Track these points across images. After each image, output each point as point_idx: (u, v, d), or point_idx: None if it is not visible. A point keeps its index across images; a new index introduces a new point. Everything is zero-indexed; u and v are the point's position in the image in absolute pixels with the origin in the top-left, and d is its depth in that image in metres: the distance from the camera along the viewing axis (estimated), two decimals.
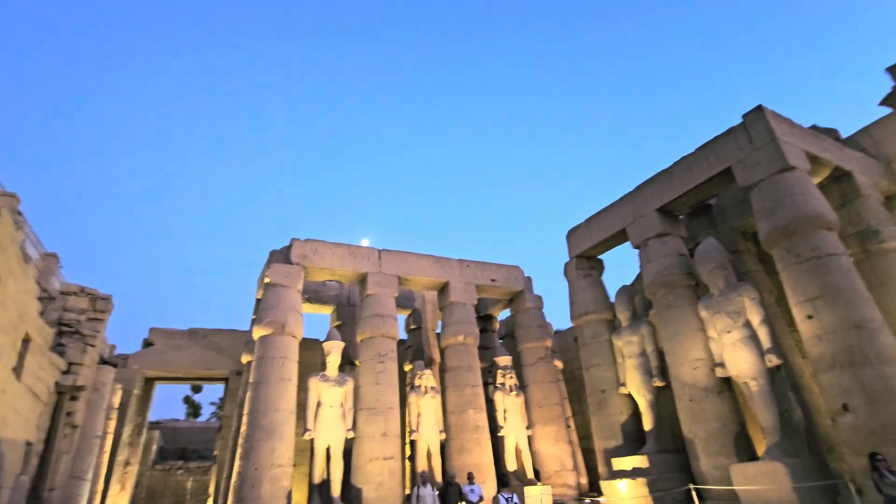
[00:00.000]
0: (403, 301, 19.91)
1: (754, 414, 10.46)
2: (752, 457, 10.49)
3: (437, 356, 18.70)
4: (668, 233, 12.96)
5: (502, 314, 21.91)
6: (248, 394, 12.91)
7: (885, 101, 16.98)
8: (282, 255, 15.15)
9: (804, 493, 8.76)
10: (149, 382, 18.99)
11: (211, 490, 16.99)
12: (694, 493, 9.76)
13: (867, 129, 13.58)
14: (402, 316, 21.08)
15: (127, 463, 17.57)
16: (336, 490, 12.60)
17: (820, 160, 11.32)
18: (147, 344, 18.02)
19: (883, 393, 8.29)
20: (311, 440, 13.34)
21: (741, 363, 10.46)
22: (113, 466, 16.24)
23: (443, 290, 17.21)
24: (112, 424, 15.21)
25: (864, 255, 11.27)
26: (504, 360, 16.55)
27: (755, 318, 10.47)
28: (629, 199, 13.95)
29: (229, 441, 15.72)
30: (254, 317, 15.56)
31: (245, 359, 16.16)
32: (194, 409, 39.53)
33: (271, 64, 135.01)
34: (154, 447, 22.48)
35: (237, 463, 12.05)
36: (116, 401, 15.42)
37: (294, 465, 17.68)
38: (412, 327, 19.80)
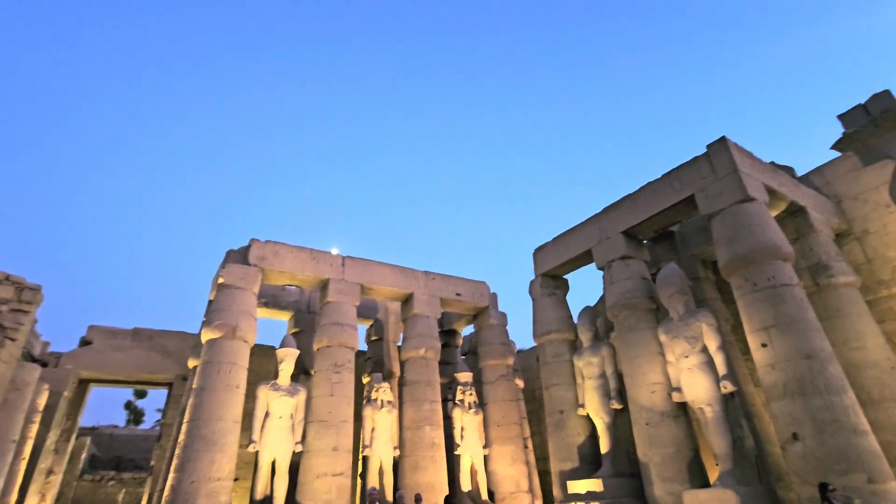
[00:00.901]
0: (366, 311, 19.39)
1: (708, 440, 10.50)
2: (705, 483, 10.50)
3: (396, 369, 18.21)
4: (632, 256, 13.10)
5: (466, 330, 21.67)
6: (190, 401, 12.09)
7: (836, 146, 18.00)
8: (239, 256, 14.47)
9: None
10: (83, 384, 17.63)
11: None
12: None
13: (820, 170, 14.25)
14: (364, 326, 20.53)
15: (50, 472, 16.14)
16: None
17: (778, 194, 11.72)
18: (84, 342, 16.77)
19: (830, 423, 8.44)
20: (256, 453, 12.57)
21: (697, 388, 10.52)
22: (32, 475, 14.84)
23: (406, 301, 16.84)
24: (34, 428, 13.92)
25: (816, 289, 11.66)
26: (464, 376, 16.24)
27: (712, 343, 10.60)
28: (596, 221, 14.07)
29: (168, 451, 14.67)
30: (204, 319, 14.73)
31: (192, 363, 15.24)
32: (136, 416, 37.22)
33: (242, 66, 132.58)
34: (84, 455, 20.80)
35: (171, 475, 11.18)
36: (42, 402, 14.15)
37: (236, 480, 16.71)
38: (373, 338, 19.26)
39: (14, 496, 13.63)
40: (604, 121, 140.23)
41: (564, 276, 15.98)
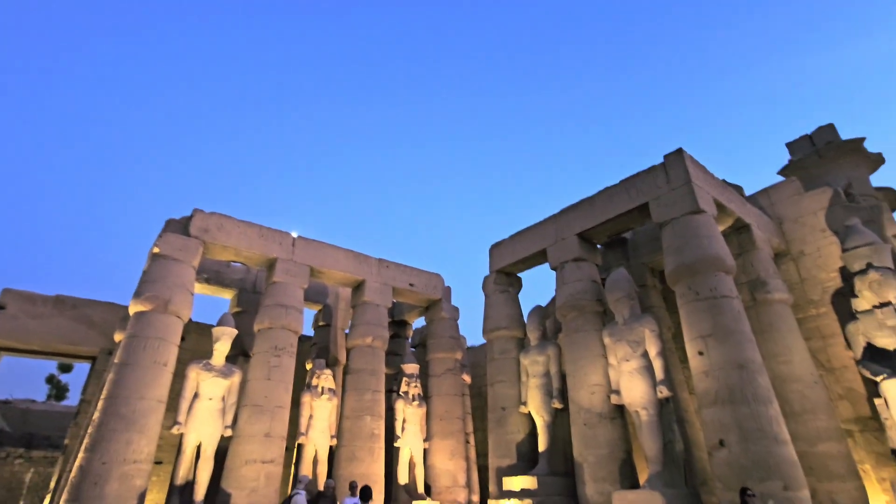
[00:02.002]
0: (315, 296, 18.75)
1: (641, 443, 10.72)
2: (635, 484, 10.73)
3: (342, 357, 17.71)
4: (585, 258, 13.22)
5: (418, 322, 21.40)
6: (110, 376, 11.20)
7: (782, 171, 18.91)
8: (179, 226, 13.55)
9: None
10: None
11: (52, 485, 14.58)
12: None
13: (766, 191, 14.89)
14: (312, 311, 19.87)
15: None
16: (200, 494, 11.17)
17: (726, 209, 12.11)
18: None
19: (755, 431, 8.76)
20: (181, 435, 11.82)
21: (635, 392, 10.72)
22: None
23: (358, 287, 16.37)
24: None
25: (752, 303, 12.14)
26: (410, 367, 15.97)
27: (653, 349, 10.81)
28: (552, 221, 14.11)
29: (83, 429, 13.59)
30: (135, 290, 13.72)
31: (118, 337, 14.16)
32: (59, 391, 34.73)
33: (201, 32, 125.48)
34: None
35: (80, 455, 10.30)
36: None
37: (160, 463, 15.79)
38: (321, 324, 18.64)
39: None
40: (568, 119, 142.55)
41: (518, 275, 16.00)
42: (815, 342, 12.57)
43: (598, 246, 14.47)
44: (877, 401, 10.49)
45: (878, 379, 10.19)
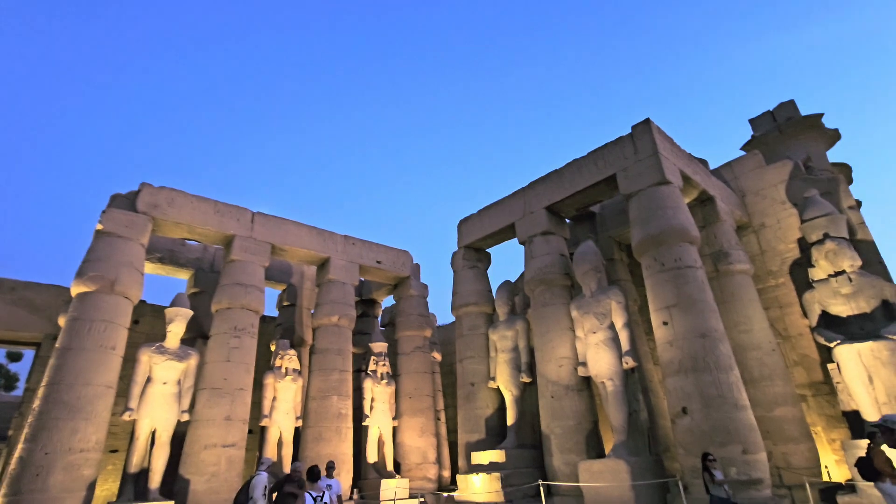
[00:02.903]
0: (279, 275, 18.13)
1: (607, 413, 10.82)
2: (601, 454, 10.85)
3: (309, 337, 17.25)
4: (553, 232, 13.08)
5: (388, 301, 21.07)
6: (51, 362, 10.44)
7: (745, 147, 19.21)
8: (126, 202, 12.64)
9: (640, 490, 9.12)
10: None
11: None
12: (541, 490, 9.74)
13: (730, 164, 15.04)
14: (276, 291, 19.24)
15: None
16: (155, 481, 10.65)
17: (692, 182, 12.12)
18: None
19: (716, 398, 8.89)
20: (134, 422, 11.21)
21: (601, 363, 10.75)
22: None
23: (322, 266, 15.83)
24: None
25: (715, 274, 12.31)
26: (379, 346, 15.68)
27: (619, 320, 10.83)
28: (521, 195, 13.88)
29: (28, 419, 12.75)
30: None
31: (63, 321, 13.25)
32: (8, 381, 32.93)
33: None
34: None
35: (20, 446, 9.61)
36: None
37: (115, 452, 15.11)
38: (285, 304, 18.08)
39: None
40: (537, 94, 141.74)
41: (487, 250, 15.79)
42: (773, 311, 12.92)
43: (567, 220, 14.38)
44: (830, 366, 10.86)
45: (831, 345, 10.51)
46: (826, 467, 11.10)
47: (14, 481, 9.25)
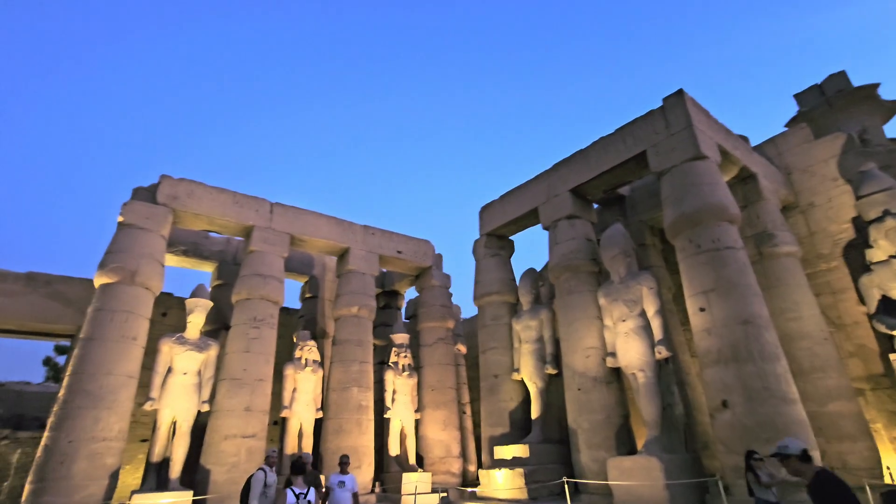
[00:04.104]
0: (301, 266, 18.05)
1: (638, 406, 10.09)
2: (632, 450, 10.15)
3: (330, 329, 17.10)
4: (578, 216, 12.36)
5: (412, 294, 20.74)
6: (75, 352, 10.58)
7: (790, 124, 17.77)
8: (147, 194, 12.72)
9: (675, 490, 8.40)
10: None
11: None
12: (567, 487, 9.15)
13: (773, 140, 13.88)
14: (299, 283, 19.21)
15: None
16: (176, 471, 10.66)
17: (730, 157, 11.17)
18: None
19: (761, 391, 8.06)
20: (156, 412, 11.27)
21: (632, 353, 10.02)
22: None
23: (342, 256, 15.61)
24: None
25: (759, 257, 11.32)
26: (400, 337, 15.35)
27: (650, 307, 10.06)
28: (544, 178, 13.20)
29: (54, 408, 13.08)
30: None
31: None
32: (56, 373, 34.52)
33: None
34: None
35: (46, 435, 9.78)
36: None
37: (145, 441, 15.37)
38: (307, 296, 18.00)
39: None
40: (565, 73, 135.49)
41: (510, 237, 15.19)
42: (824, 298, 11.81)
43: (595, 205, 13.61)
44: (892, 356, 9.78)
45: (894, 333, 9.44)
46: (888, 468, 10.01)
47: (39, 468, 9.41)
